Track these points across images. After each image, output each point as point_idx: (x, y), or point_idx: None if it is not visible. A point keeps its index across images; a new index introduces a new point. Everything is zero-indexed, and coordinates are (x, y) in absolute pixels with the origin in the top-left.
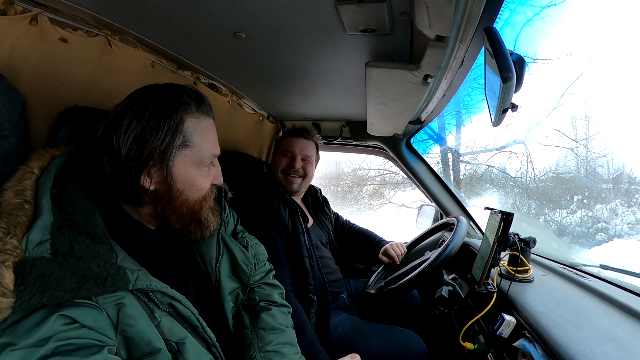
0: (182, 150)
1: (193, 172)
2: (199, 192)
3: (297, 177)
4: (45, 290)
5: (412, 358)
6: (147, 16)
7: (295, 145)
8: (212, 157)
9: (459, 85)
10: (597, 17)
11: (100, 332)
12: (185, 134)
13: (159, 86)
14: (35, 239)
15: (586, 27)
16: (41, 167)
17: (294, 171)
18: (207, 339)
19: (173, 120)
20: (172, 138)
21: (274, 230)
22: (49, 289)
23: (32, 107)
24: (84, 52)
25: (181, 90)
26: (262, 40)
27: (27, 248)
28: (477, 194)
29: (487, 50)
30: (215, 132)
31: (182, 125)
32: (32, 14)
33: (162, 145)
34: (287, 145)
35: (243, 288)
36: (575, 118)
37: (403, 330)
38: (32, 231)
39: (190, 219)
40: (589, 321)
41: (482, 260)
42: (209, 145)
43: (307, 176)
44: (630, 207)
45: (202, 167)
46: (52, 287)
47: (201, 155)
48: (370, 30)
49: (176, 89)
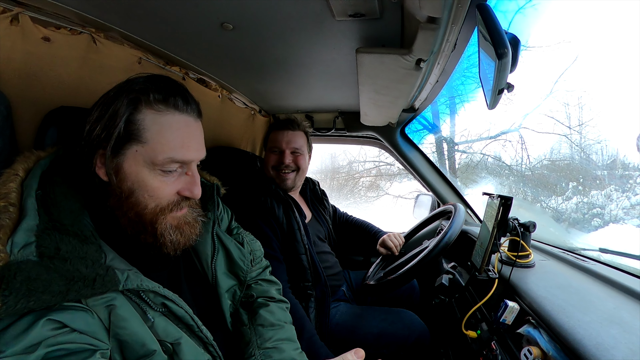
0: (134, 145)
1: (144, 173)
2: (153, 200)
3: (289, 172)
4: (32, 294)
5: (412, 336)
6: (131, 11)
7: (282, 140)
8: (169, 161)
9: (452, 70)
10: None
11: (92, 335)
12: (137, 126)
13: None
14: (20, 241)
15: (578, 13)
16: (26, 169)
17: (285, 167)
18: (204, 338)
19: (120, 107)
20: (113, 124)
21: (268, 228)
22: (35, 292)
23: (17, 110)
24: (69, 51)
25: (148, 79)
26: (250, 30)
27: (12, 251)
28: (473, 182)
29: (481, 32)
30: (191, 133)
31: (135, 115)
32: (13, 13)
33: (105, 130)
34: (274, 140)
35: (240, 285)
36: (568, 105)
37: (401, 311)
38: (17, 234)
39: (141, 227)
40: (593, 305)
41: (482, 247)
42: (167, 146)
43: (300, 169)
44: (624, 193)
45: (155, 170)
46: (38, 290)
47: (153, 156)
48: (359, 15)
49: (145, 77)
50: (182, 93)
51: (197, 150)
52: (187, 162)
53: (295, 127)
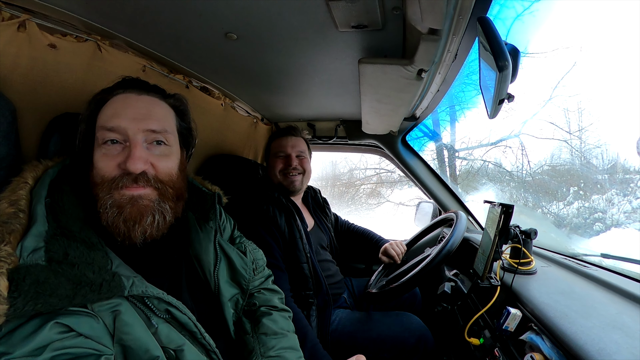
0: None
1: (95, 151)
2: (98, 174)
3: (296, 174)
4: (40, 296)
5: (412, 337)
6: (137, 20)
7: (287, 145)
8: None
9: (453, 79)
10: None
11: (97, 340)
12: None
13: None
14: (29, 246)
15: (576, 19)
16: (35, 178)
17: (293, 169)
18: (207, 346)
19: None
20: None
21: (270, 236)
22: (43, 295)
23: (22, 115)
24: (74, 58)
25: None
26: (254, 40)
27: (22, 255)
28: (474, 189)
29: (481, 43)
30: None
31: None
32: (20, 20)
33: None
34: (279, 146)
35: (243, 294)
36: (568, 110)
37: (400, 313)
38: (27, 239)
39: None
40: (595, 310)
41: (484, 254)
42: (102, 118)
43: (306, 172)
44: (625, 196)
45: (99, 145)
46: (46, 293)
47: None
48: (362, 26)
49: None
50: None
51: (133, 119)
52: (118, 130)
53: (297, 134)
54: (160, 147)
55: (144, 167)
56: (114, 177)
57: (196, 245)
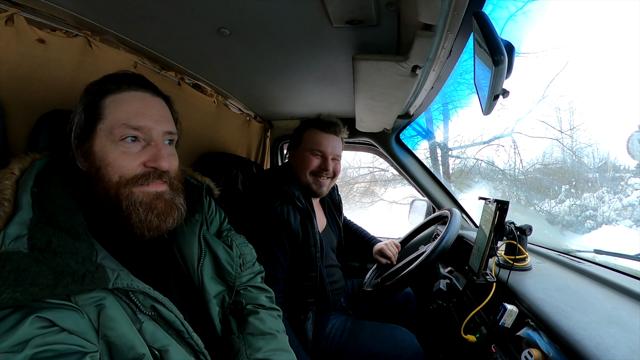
0: (98, 124)
1: (107, 147)
2: (116, 172)
3: (327, 178)
4: (19, 284)
5: (404, 356)
6: (128, 15)
7: (328, 144)
8: (124, 127)
9: (447, 77)
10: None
11: (81, 336)
12: (100, 109)
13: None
14: (12, 233)
15: (569, 19)
16: (22, 169)
17: (326, 173)
18: (194, 346)
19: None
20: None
21: (276, 245)
22: (23, 283)
23: (10, 112)
24: (63, 54)
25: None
26: (247, 36)
27: (4, 242)
28: (467, 187)
29: (476, 39)
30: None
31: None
32: (8, 14)
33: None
34: (318, 143)
35: (229, 291)
36: (559, 109)
37: (394, 327)
38: (10, 226)
39: (109, 204)
40: (591, 305)
41: (479, 251)
42: (122, 115)
43: (335, 176)
44: (616, 194)
45: (116, 141)
46: (26, 281)
47: (112, 127)
48: (356, 22)
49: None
50: (138, 79)
51: (156, 120)
52: (144, 130)
53: (339, 133)
54: (171, 146)
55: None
56: (135, 174)
57: (179, 238)
